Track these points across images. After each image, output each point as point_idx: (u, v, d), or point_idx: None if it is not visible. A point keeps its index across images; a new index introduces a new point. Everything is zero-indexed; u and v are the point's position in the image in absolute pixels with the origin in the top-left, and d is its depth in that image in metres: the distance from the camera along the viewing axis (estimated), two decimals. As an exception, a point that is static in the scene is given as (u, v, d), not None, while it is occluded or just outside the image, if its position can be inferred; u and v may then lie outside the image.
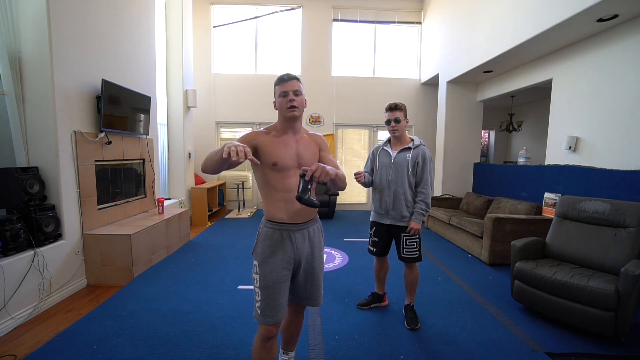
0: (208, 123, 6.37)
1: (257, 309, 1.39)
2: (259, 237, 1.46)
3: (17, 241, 2.25)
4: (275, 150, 1.41)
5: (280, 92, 1.41)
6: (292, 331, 1.68)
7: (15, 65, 2.42)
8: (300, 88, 1.42)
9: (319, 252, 1.53)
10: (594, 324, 2.03)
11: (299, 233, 1.44)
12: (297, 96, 1.41)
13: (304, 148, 1.47)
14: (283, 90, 1.40)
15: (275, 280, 1.38)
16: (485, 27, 4.21)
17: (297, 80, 1.44)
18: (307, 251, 1.47)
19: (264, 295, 1.38)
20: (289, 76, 1.43)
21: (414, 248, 2.22)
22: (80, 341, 2.01)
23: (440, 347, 2.02)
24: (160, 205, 3.86)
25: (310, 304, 1.55)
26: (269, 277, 1.38)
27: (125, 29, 3.44)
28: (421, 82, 6.55)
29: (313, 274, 1.50)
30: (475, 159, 5.57)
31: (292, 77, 1.43)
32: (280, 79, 1.43)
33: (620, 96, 2.93)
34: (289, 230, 1.42)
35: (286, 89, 1.40)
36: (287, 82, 1.41)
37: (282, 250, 1.40)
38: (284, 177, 1.41)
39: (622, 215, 2.35)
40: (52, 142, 2.54)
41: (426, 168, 2.18)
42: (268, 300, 1.37)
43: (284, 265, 1.40)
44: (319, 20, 6.35)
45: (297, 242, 1.43)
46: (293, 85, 1.42)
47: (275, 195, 1.42)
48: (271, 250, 1.40)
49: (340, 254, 3.82)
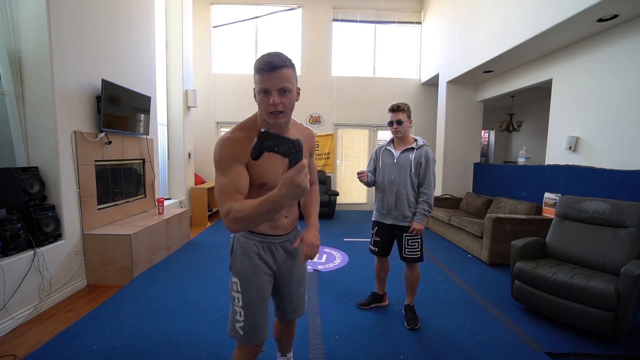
0: (208, 123, 6.37)
1: (239, 329, 1.23)
2: (235, 251, 1.27)
3: (17, 241, 2.25)
4: (264, 167, 1.11)
5: (259, 87, 1.04)
6: (286, 339, 1.61)
7: (15, 65, 2.42)
8: (289, 82, 1.04)
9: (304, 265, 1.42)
10: (594, 324, 2.03)
11: (281, 245, 1.30)
12: (284, 96, 1.04)
13: None
14: (263, 87, 1.03)
15: (261, 298, 1.24)
16: (485, 27, 4.21)
17: (285, 68, 1.02)
18: (291, 262, 1.35)
19: (248, 315, 1.22)
20: (272, 64, 1.00)
21: (415, 248, 2.22)
22: (80, 341, 2.01)
23: (440, 347, 2.02)
24: (160, 205, 3.86)
25: (297, 316, 1.45)
26: (254, 295, 1.22)
27: (125, 29, 3.44)
28: (421, 82, 6.55)
29: (299, 285, 1.41)
30: (475, 159, 5.57)
31: (276, 65, 1.00)
32: (261, 67, 1.02)
33: (621, 96, 2.93)
34: (271, 243, 1.27)
35: (267, 85, 1.02)
36: (269, 73, 1.01)
37: (265, 264, 1.26)
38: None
39: (622, 215, 2.35)
40: (52, 142, 2.54)
41: (429, 168, 2.18)
42: (253, 320, 1.22)
43: (269, 279, 1.27)
44: (319, 20, 6.35)
45: (279, 256, 1.29)
46: (279, 80, 1.02)
47: None
48: (252, 265, 1.23)
49: (340, 254, 3.82)
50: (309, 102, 6.41)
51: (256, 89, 1.07)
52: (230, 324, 1.28)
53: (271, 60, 1.01)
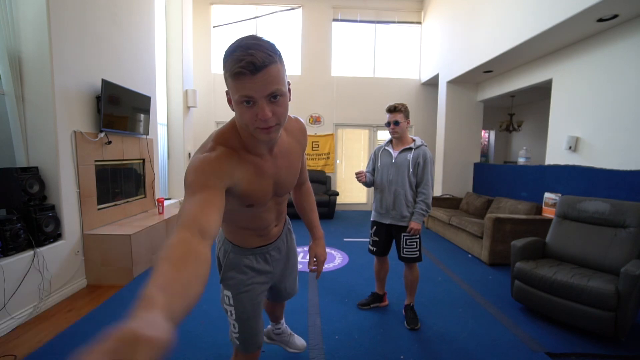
0: (208, 123, 6.37)
1: (235, 339, 1.20)
2: (225, 264, 1.18)
3: (17, 241, 2.25)
4: (251, 187, 0.92)
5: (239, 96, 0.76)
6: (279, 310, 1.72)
7: (15, 65, 2.41)
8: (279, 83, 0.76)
9: (294, 250, 1.40)
10: (594, 324, 2.03)
11: (274, 249, 1.24)
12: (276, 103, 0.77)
13: (286, 168, 1.01)
14: (245, 95, 0.75)
15: (255, 309, 1.18)
16: (485, 27, 4.21)
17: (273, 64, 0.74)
18: (284, 259, 1.32)
19: (243, 327, 1.17)
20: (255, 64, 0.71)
21: (414, 248, 2.22)
22: (80, 341, 2.01)
23: (440, 347, 2.02)
24: (160, 205, 3.86)
25: (290, 297, 1.51)
26: (248, 307, 1.16)
27: (125, 29, 3.44)
28: (421, 82, 6.55)
29: (292, 273, 1.42)
30: (475, 159, 5.57)
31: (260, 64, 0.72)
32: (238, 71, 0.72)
33: (621, 96, 2.93)
34: (264, 252, 1.21)
35: (250, 93, 0.74)
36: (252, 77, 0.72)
37: (260, 273, 1.20)
38: (256, 215, 1.06)
39: (622, 215, 2.35)
40: (52, 142, 2.54)
41: (427, 168, 2.18)
42: (248, 331, 1.18)
43: (264, 287, 1.23)
44: (319, 20, 6.35)
45: (272, 259, 1.24)
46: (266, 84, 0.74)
47: (245, 231, 1.14)
48: (246, 278, 1.16)
49: (340, 254, 3.82)
50: (309, 102, 6.41)
51: (233, 98, 0.78)
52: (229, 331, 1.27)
53: (253, 58, 0.71)
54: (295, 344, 1.87)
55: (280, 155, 0.99)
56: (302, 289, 2.76)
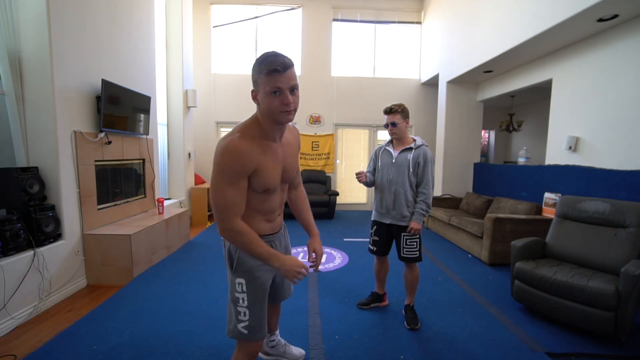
0: (208, 123, 6.37)
1: (242, 329, 1.26)
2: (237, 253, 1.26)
3: (17, 241, 2.25)
4: (268, 174, 1.17)
5: (271, 88, 1.05)
6: (275, 318, 1.75)
7: (15, 65, 2.41)
8: (296, 79, 1.09)
9: (289, 249, 1.54)
10: (594, 324, 2.03)
11: (277, 239, 1.38)
12: (294, 94, 1.09)
13: (289, 157, 1.27)
14: (276, 86, 1.04)
15: (264, 294, 1.31)
16: (485, 27, 4.21)
17: (292, 67, 1.08)
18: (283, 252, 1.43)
19: (254, 312, 1.26)
20: (285, 64, 1.04)
21: (414, 248, 2.22)
22: (80, 341, 2.01)
23: (440, 347, 2.02)
24: (160, 205, 3.86)
25: (286, 298, 1.59)
26: (259, 291, 1.28)
27: (125, 29, 3.44)
28: (421, 82, 6.55)
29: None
30: (475, 159, 5.57)
31: (288, 64, 1.05)
32: (273, 68, 1.03)
33: (621, 96, 2.93)
34: (271, 241, 1.33)
35: (281, 85, 1.04)
36: (282, 73, 1.04)
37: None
38: (267, 198, 1.24)
39: (622, 215, 2.35)
40: (52, 142, 2.54)
41: (427, 168, 2.18)
42: (258, 316, 1.27)
43: (270, 276, 1.33)
44: (319, 20, 6.35)
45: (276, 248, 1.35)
46: (290, 79, 1.06)
47: (255, 215, 1.25)
48: (258, 264, 1.25)
49: (340, 254, 3.82)
50: (309, 102, 6.41)
51: (264, 90, 1.06)
52: (230, 326, 1.31)
53: (283, 60, 1.05)
54: (292, 354, 1.85)
55: (286, 144, 1.26)
56: (302, 289, 2.77)
